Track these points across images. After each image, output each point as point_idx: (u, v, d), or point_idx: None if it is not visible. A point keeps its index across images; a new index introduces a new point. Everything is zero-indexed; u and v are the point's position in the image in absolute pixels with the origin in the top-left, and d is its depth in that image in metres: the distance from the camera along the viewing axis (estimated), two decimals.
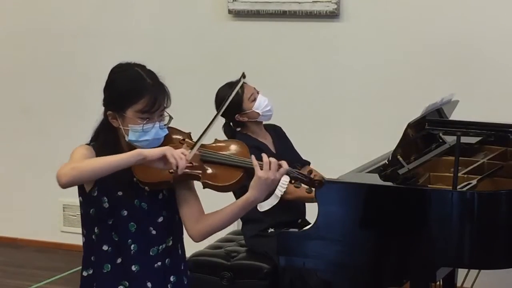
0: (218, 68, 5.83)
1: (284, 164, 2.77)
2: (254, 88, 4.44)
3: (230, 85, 4.16)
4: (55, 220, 6.35)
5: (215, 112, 2.97)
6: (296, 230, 3.91)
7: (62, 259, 6.08)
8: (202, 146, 2.80)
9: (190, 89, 5.86)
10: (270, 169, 2.71)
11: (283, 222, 4.36)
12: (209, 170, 2.77)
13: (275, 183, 2.73)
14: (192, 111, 4.74)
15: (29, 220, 6.50)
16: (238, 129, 4.48)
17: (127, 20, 6.09)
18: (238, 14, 5.76)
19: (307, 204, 4.51)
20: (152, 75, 2.82)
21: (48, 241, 6.42)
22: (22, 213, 6.52)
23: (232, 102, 4.18)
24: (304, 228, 3.87)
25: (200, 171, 2.76)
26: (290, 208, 4.35)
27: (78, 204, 2.91)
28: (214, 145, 2.87)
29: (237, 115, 4.38)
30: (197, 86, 5.86)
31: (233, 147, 2.85)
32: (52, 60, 6.31)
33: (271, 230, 4.40)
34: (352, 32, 5.55)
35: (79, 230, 2.99)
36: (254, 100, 4.39)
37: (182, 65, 5.93)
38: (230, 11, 5.76)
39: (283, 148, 4.53)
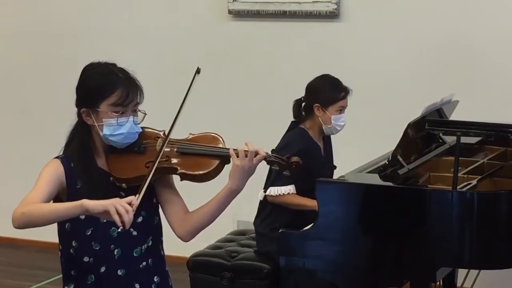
0: (218, 68, 5.83)
1: (261, 151, 2.78)
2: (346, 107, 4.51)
3: (324, 77, 4.47)
4: None
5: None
6: (295, 230, 3.92)
7: None
8: (177, 139, 2.82)
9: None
10: (246, 156, 2.73)
11: (295, 226, 4.40)
12: (185, 162, 2.79)
13: (253, 170, 2.74)
14: (192, 111, 4.73)
15: None
16: (301, 124, 4.50)
17: (127, 20, 6.09)
18: (238, 14, 5.76)
19: None
20: (123, 70, 2.84)
21: (48, 241, 6.39)
22: None
23: (325, 92, 4.38)
24: (304, 228, 3.87)
25: (176, 163, 2.79)
26: (304, 212, 4.40)
27: None
28: (189, 138, 2.89)
29: (317, 105, 4.41)
30: (197, 86, 5.85)
31: (208, 138, 2.88)
32: (52, 60, 6.31)
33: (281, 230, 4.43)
34: (352, 32, 5.55)
35: None
36: (340, 112, 4.44)
37: (182, 65, 5.92)
38: (230, 11, 5.76)
39: (329, 155, 4.61)
